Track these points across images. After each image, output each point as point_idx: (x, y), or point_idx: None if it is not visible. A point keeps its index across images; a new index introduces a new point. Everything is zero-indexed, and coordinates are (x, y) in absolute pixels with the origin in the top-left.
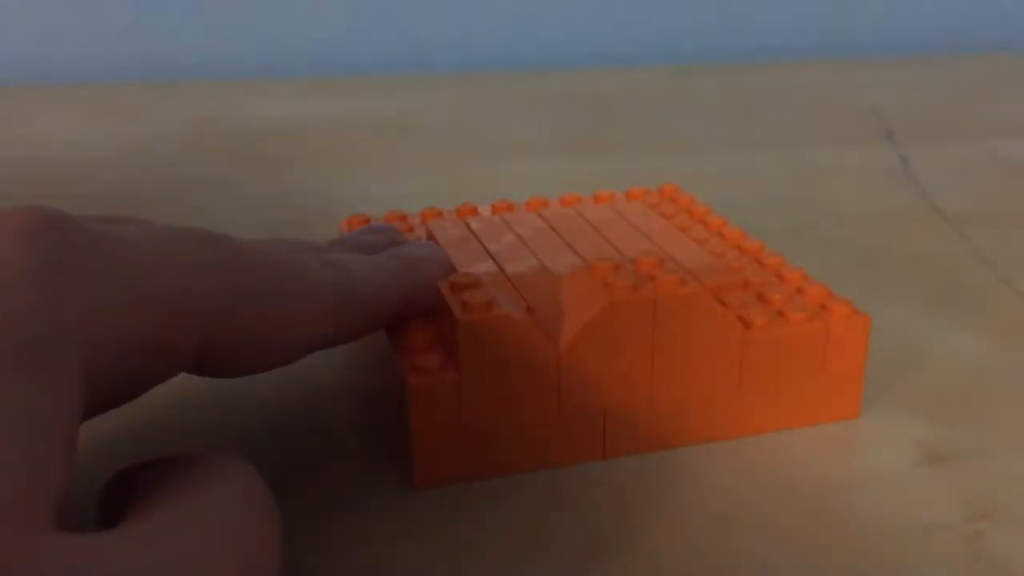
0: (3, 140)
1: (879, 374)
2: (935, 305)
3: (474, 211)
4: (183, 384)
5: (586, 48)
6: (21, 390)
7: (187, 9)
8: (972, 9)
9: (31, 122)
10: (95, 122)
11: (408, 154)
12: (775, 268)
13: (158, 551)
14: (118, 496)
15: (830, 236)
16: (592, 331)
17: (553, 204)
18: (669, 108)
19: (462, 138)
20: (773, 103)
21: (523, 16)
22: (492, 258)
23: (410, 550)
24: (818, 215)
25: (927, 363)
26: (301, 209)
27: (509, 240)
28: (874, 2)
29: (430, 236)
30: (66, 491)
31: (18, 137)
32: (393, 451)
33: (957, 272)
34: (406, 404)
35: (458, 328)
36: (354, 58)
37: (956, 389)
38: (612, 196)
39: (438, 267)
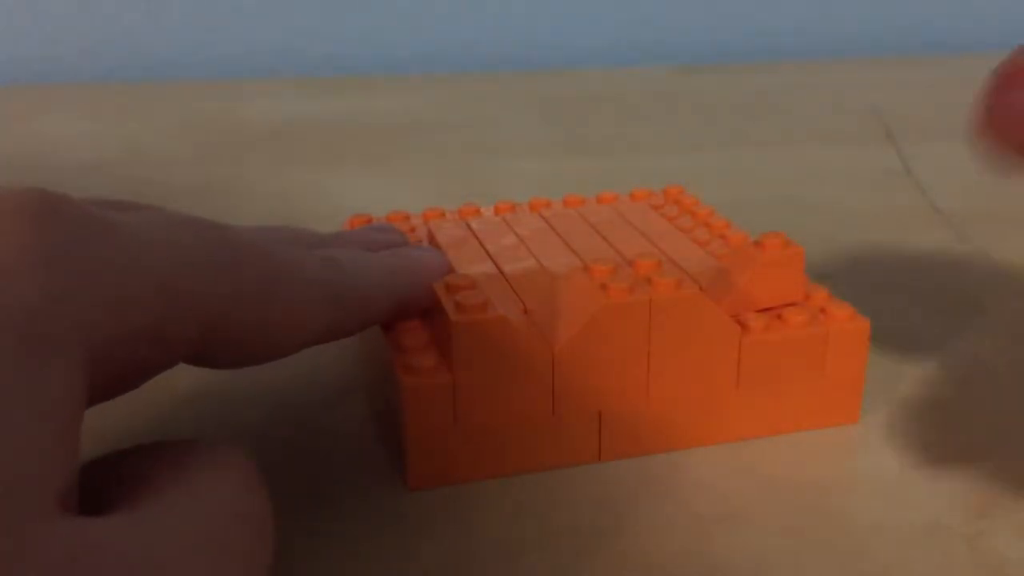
0: (3, 140)
1: (879, 374)
2: (935, 305)
3: (476, 212)
4: (179, 378)
5: (586, 48)
6: (26, 376)
7: (187, 9)
8: (972, 9)
9: (31, 122)
10: (95, 122)
11: (410, 154)
12: None
13: (165, 534)
14: (105, 479)
15: (830, 237)
16: (588, 333)
17: (556, 205)
18: (669, 108)
19: (462, 138)
20: (773, 103)
21: (524, 16)
22: (491, 259)
23: (404, 551)
24: (818, 215)
25: (927, 364)
26: (301, 209)
27: (509, 241)
28: (874, 2)
29: (431, 236)
30: (72, 477)
31: (18, 137)
32: (389, 451)
33: (957, 272)
34: (401, 405)
35: (452, 329)
36: (354, 58)
37: (956, 390)
38: (616, 198)
39: (436, 268)
